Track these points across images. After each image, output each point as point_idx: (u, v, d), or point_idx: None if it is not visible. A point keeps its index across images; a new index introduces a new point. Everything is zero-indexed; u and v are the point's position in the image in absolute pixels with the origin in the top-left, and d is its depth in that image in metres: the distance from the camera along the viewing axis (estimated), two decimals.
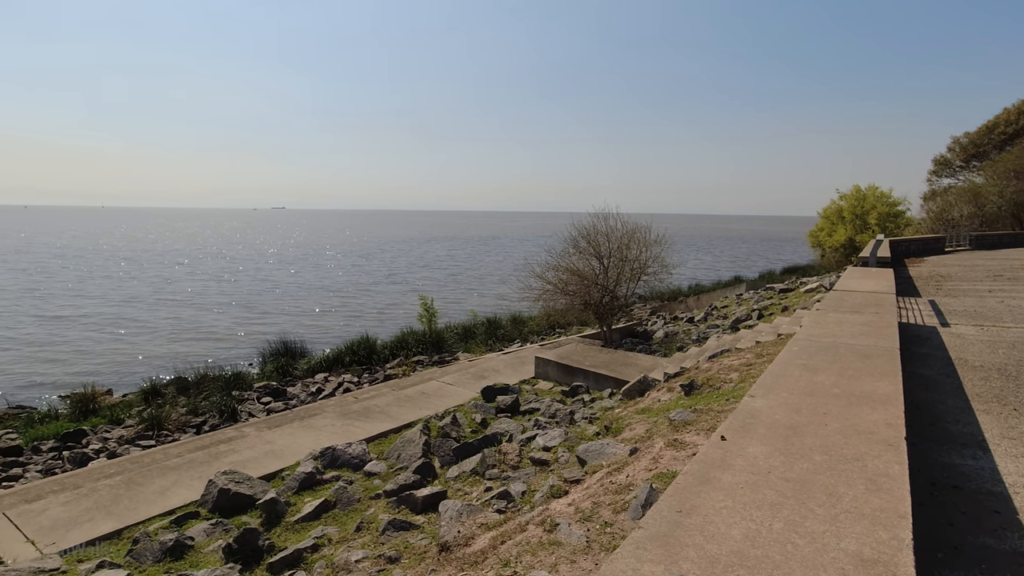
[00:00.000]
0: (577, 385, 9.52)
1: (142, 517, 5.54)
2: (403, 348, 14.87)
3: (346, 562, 4.35)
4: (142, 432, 9.50)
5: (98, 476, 6.58)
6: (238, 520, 5.35)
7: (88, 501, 5.85)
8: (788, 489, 2.06)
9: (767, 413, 2.93)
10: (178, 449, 7.51)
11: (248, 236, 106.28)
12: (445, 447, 6.64)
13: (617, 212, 14.14)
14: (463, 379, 10.43)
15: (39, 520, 5.48)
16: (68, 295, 31.63)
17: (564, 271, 13.73)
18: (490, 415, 8.22)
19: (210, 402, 10.50)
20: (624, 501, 3.74)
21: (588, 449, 5.26)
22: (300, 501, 5.71)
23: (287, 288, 36.09)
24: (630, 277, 13.75)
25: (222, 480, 5.69)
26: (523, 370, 11.00)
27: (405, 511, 5.21)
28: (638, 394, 8.06)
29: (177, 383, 11.98)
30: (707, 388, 6.58)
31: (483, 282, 39.70)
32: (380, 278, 41.02)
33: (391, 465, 6.54)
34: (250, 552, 4.57)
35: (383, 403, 9.06)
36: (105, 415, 10.43)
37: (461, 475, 5.96)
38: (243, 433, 7.95)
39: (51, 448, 9.06)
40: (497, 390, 9.12)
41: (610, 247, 13.65)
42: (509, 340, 16.06)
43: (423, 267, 50.12)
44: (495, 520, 4.29)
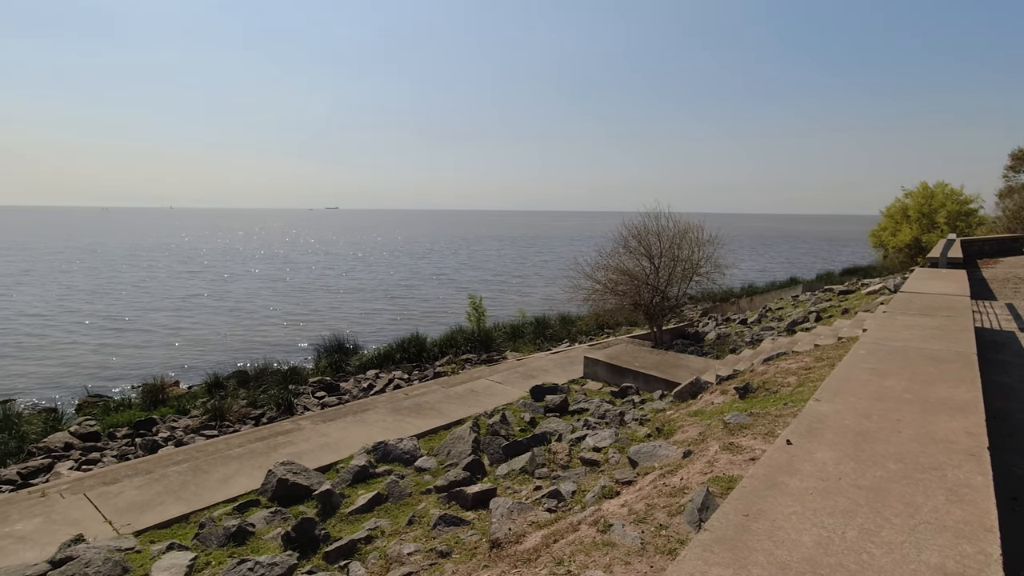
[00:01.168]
0: (627, 386, 9.40)
1: (207, 503, 5.79)
2: (452, 346, 15.03)
3: (399, 554, 4.42)
4: (206, 422, 9.94)
5: (167, 463, 6.92)
6: (295, 509, 5.52)
7: (159, 486, 6.16)
8: (861, 497, 1.97)
9: (834, 418, 2.81)
10: (239, 439, 7.82)
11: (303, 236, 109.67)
12: (494, 445, 6.67)
13: (668, 211, 13.90)
14: (511, 378, 10.45)
15: (116, 502, 5.80)
16: (137, 292, 33.41)
17: (614, 271, 13.58)
18: (539, 414, 8.22)
19: (268, 395, 10.89)
20: (679, 504, 3.66)
21: (640, 451, 5.18)
22: (354, 493, 5.84)
23: (340, 286, 37.05)
24: (681, 277, 13.48)
25: (280, 470, 5.88)
26: (572, 370, 10.94)
27: (455, 507, 5.26)
28: (690, 396, 7.89)
29: (238, 376, 12.48)
30: (763, 392, 6.38)
31: (531, 281, 39.72)
32: (429, 277, 41.61)
33: (441, 461, 6.62)
34: (307, 541, 4.70)
35: (433, 400, 9.18)
36: (172, 405, 10.96)
37: (510, 473, 5.97)
38: (299, 426, 8.20)
39: (125, 435, 9.61)
40: (546, 389, 9.10)
41: (661, 247, 13.42)
42: (557, 340, 16.01)
43: (471, 267, 50.55)
44: (546, 519, 4.28)
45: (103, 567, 4.32)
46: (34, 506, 5.84)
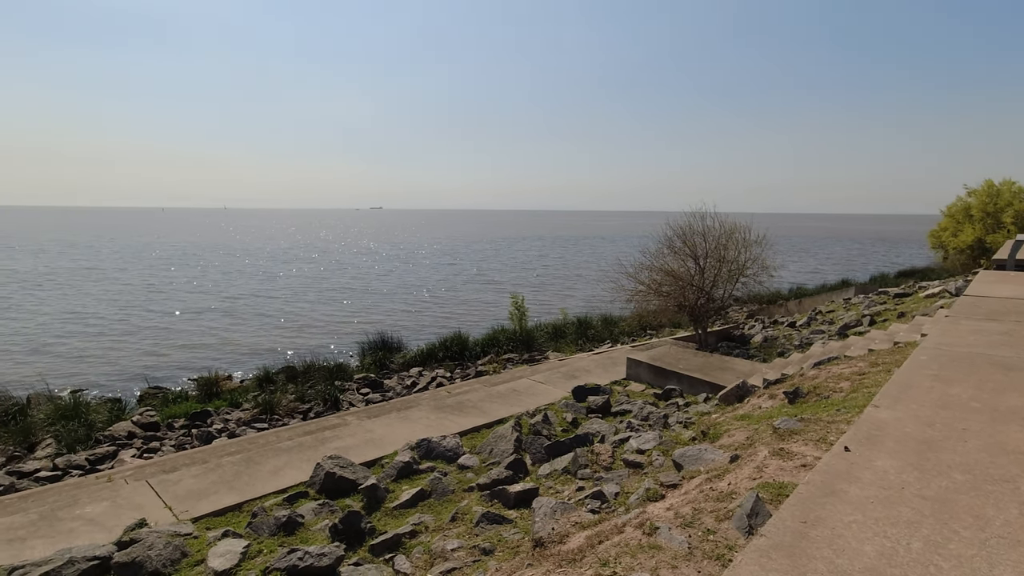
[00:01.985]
0: (670, 388, 9.26)
1: (259, 493, 5.99)
2: (494, 346, 15.11)
3: (442, 550, 4.48)
4: (257, 415, 10.28)
5: (221, 453, 7.19)
6: (342, 502, 5.64)
7: (214, 475, 6.41)
8: (926, 507, 1.89)
9: (895, 425, 2.71)
10: (288, 433, 8.05)
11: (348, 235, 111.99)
12: (537, 444, 6.68)
13: (714, 211, 13.61)
14: (553, 378, 10.44)
15: (175, 489, 6.07)
16: (189, 290, 34.77)
17: (658, 272, 13.39)
18: (581, 415, 8.18)
19: (315, 391, 11.17)
20: (727, 509, 3.59)
21: (685, 454, 5.10)
22: (398, 489, 5.94)
23: (383, 285, 37.71)
24: (727, 279, 13.19)
25: (328, 464, 6.02)
26: (614, 371, 10.85)
27: (498, 505, 5.29)
28: (736, 400, 7.73)
29: (287, 371, 12.85)
30: (814, 397, 6.20)
31: (573, 282, 39.55)
32: (471, 277, 41.91)
33: (483, 459, 6.66)
34: (353, 533, 4.80)
35: (475, 399, 9.25)
36: (226, 398, 11.37)
37: (553, 473, 5.97)
38: (345, 421, 8.39)
39: (182, 425, 10.02)
40: (588, 390, 9.06)
41: (706, 247, 13.16)
42: (599, 340, 15.89)
43: (512, 267, 50.66)
44: (589, 520, 4.26)
45: (164, 551, 4.53)
46: (101, 490, 6.16)
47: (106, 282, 37.08)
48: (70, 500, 5.93)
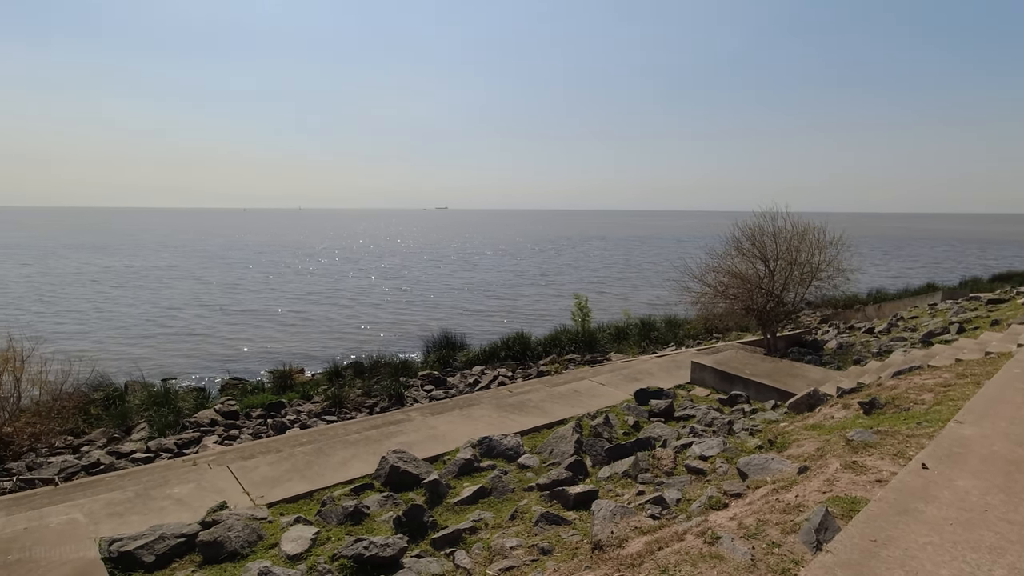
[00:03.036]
0: (736, 394, 9.00)
1: (328, 483, 6.26)
2: (556, 346, 15.11)
3: (502, 547, 4.54)
4: (326, 408, 10.73)
5: (294, 443, 7.57)
6: (405, 496, 5.82)
7: (287, 464, 6.75)
8: (1012, 533, 1.78)
9: (981, 443, 2.55)
10: (356, 426, 8.37)
11: (414, 235, 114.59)
12: (597, 447, 6.66)
13: (786, 211, 13.07)
14: (615, 380, 10.35)
15: (252, 476, 6.45)
16: (264, 288, 36.59)
17: (724, 273, 12.99)
18: (643, 418, 8.08)
19: (381, 386, 11.54)
20: (793, 522, 3.48)
21: (750, 462, 4.96)
22: (459, 485, 6.06)
23: (447, 284, 38.40)
24: (799, 281, 12.64)
25: (393, 458, 6.22)
26: (678, 374, 10.64)
27: (557, 506, 5.31)
28: (807, 408, 7.43)
29: (354, 367, 13.33)
30: (892, 408, 5.88)
31: (636, 283, 38.95)
32: (534, 277, 42.01)
33: (543, 459, 6.70)
34: (416, 526, 4.94)
35: (536, 399, 9.30)
36: (298, 391, 11.93)
37: (613, 476, 5.93)
38: (409, 417, 8.63)
39: (258, 415, 10.61)
40: (651, 393, 8.93)
41: (777, 249, 12.66)
42: (663, 343, 15.60)
43: (575, 267, 50.40)
44: (649, 525, 4.22)
45: (242, 532, 4.82)
46: (187, 473, 6.63)
47: (190, 280, 39.60)
48: (161, 481, 6.41)
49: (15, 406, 8.89)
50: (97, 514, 5.58)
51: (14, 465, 8.08)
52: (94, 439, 9.26)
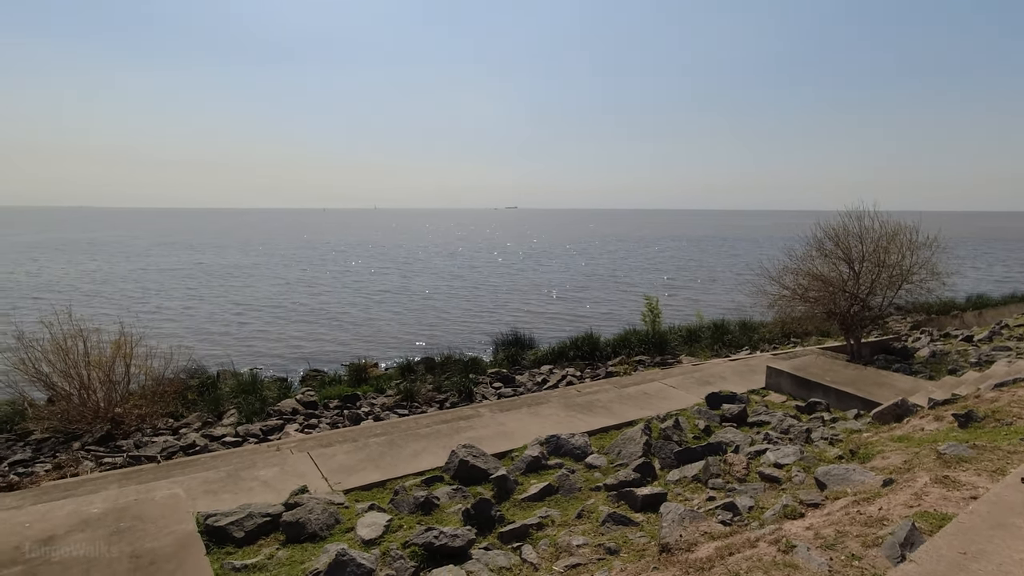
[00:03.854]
0: (815, 402, 8.61)
1: (400, 473, 6.50)
2: (625, 347, 14.95)
3: (568, 545, 4.58)
4: (399, 402, 11.11)
5: (368, 434, 7.90)
6: (474, 489, 5.95)
7: (362, 454, 7.06)
8: None
9: None
10: (427, 420, 8.63)
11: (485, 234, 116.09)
12: (666, 449, 6.57)
13: (874, 210, 12.32)
14: (686, 383, 10.14)
15: (330, 463, 6.79)
16: (343, 285, 38.16)
17: (805, 275, 12.41)
18: (714, 423, 7.89)
19: (451, 382, 11.82)
20: (876, 536, 3.33)
21: (829, 472, 4.77)
22: (527, 482, 6.13)
23: (517, 283, 38.70)
24: (888, 285, 11.89)
25: (462, 452, 6.38)
26: (752, 379, 10.29)
27: (624, 507, 5.29)
28: (893, 419, 7.03)
29: (426, 362, 13.72)
30: (991, 422, 5.49)
31: (710, 284, 37.82)
32: (603, 277, 41.62)
33: (611, 460, 6.68)
34: (483, 519, 5.05)
35: (605, 399, 9.26)
36: (372, 384, 12.41)
37: (682, 480, 5.84)
38: (478, 413, 8.80)
39: (335, 406, 11.13)
40: (723, 397, 8.70)
41: (863, 250, 11.96)
42: (737, 346, 15.10)
43: (646, 268, 49.51)
44: (720, 531, 4.14)
45: (321, 516, 5.10)
46: (272, 457, 7.07)
47: (271, 277, 41.87)
48: (249, 463, 6.87)
49: (125, 389, 9.79)
50: (194, 490, 6.06)
51: (124, 443, 8.89)
52: (190, 422, 10.01)
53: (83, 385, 9.47)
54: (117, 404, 9.56)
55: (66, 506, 5.76)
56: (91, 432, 9.04)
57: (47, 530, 4.14)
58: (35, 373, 9.43)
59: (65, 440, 9.04)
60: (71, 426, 9.16)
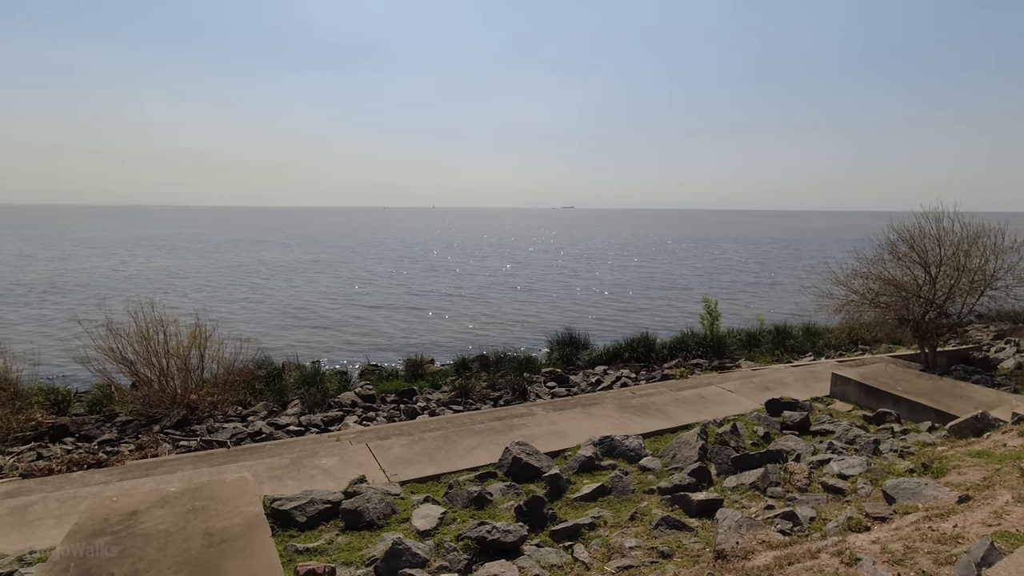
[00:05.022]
0: (884, 412, 8.20)
1: (454, 468, 6.63)
2: (682, 349, 14.67)
3: (620, 546, 4.56)
4: (454, 398, 11.30)
5: (424, 429, 8.08)
6: (526, 487, 6.00)
7: (418, 447, 7.24)
8: None
9: None
10: (481, 417, 8.75)
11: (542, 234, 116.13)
12: (723, 455, 6.42)
13: (955, 211, 11.57)
14: (745, 388, 9.86)
15: (387, 455, 7.00)
16: (397, 283, 39.08)
17: (875, 279, 11.80)
18: (774, 430, 7.65)
19: (506, 380, 11.92)
20: (949, 553, 3.17)
21: (898, 486, 4.56)
22: (579, 481, 6.14)
23: (573, 283, 38.57)
24: (968, 291, 11.16)
25: (516, 449, 6.44)
26: (815, 386, 9.91)
27: (679, 511, 5.23)
28: (972, 433, 6.63)
29: (480, 360, 13.88)
30: None
31: (770, 287, 36.55)
32: (659, 279, 40.90)
33: (666, 463, 6.59)
34: (535, 517, 5.09)
35: (660, 401, 9.13)
36: (428, 380, 12.67)
37: (739, 487, 5.71)
38: (532, 411, 8.85)
39: (392, 400, 11.44)
40: (784, 404, 8.42)
41: (941, 253, 11.26)
42: (800, 352, 14.54)
43: (704, 269, 48.32)
44: (778, 540, 4.04)
45: (378, 505, 5.28)
46: (332, 447, 7.35)
47: (332, 273, 43.31)
48: (310, 452, 7.17)
49: (199, 377, 10.40)
50: (261, 475, 6.39)
51: (198, 428, 9.44)
52: (257, 411, 10.52)
53: (163, 372, 10.13)
54: (192, 391, 10.17)
55: (147, 484, 6.20)
56: (169, 416, 9.65)
57: (131, 505, 4.46)
58: (122, 360, 10.17)
59: (146, 423, 9.69)
60: (152, 410, 9.81)
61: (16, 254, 53.66)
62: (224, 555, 3.80)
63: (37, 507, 5.80)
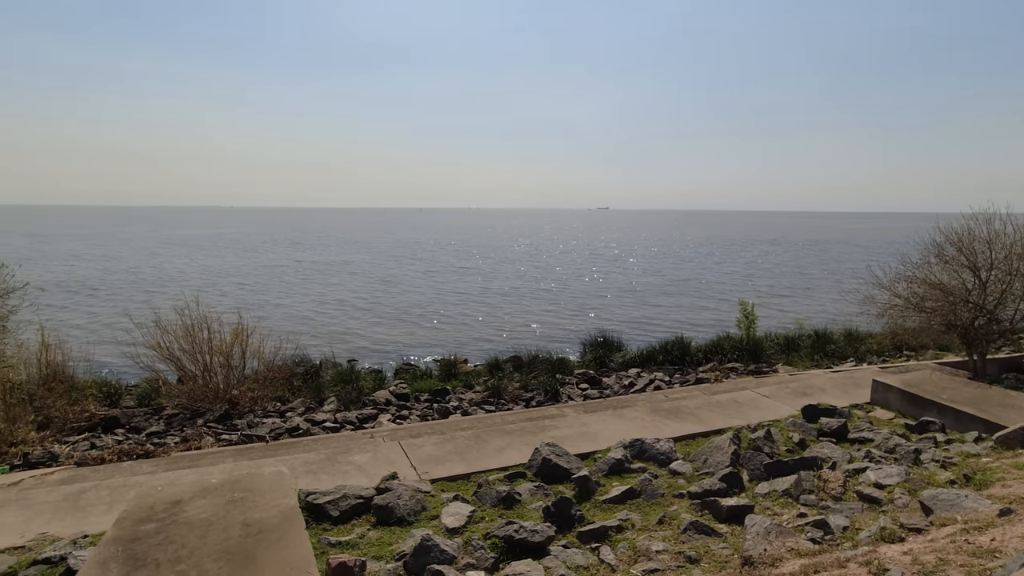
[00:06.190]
0: (928, 421, 7.94)
1: (484, 467, 6.70)
2: (717, 353, 14.46)
3: (647, 549, 4.57)
4: (486, 398, 11.41)
5: (456, 428, 8.20)
6: (555, 488, 6.04)
7: (449, 446, 7.36)
8: None
9: None
10: (512, 417, 8.81)
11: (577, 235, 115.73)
12: (755, 461, 6.34)
13: (1007, 212, 11.08)
14: (781, 393, 9.68)
15: (418, 453, 7.14)
16: (432, 283, 39.50)
17: (920, 283, 11.39)
18: (810, 436, 7.50)
19: (538, 381, 11.97)
20: (983, 567, 3.10)
21: (937, 497, 4.45)
22: (608, 483, 6.14)
23: (608, 285, 38.35)
24: (1021, 296, 10.69)
25: (545, 450, 6.48)
26: (854, 393, 9.65)
27: (708, 516, 5.19)
28: (1020, 445, 6.38)
29: (513, 361, 13.96)
30: None
31: (810, 291, 35.60)
32: (694, 283, 40.26)
33: (696, 468, 6.54)
34: (563, 518, 5.13)
35: (692, 405, 9.04)
36: (461, 380, 12.82)
37: (771, 493, 5.63)
38: (563, 413, 8.88)
39: (426, 399, 11.62)
40: (821, 410, 8.23)
41: (992, 257, 10.80)
42: (840, 357, 14.15)
43: (740, 273, 47.34)
44: (808, 548, 3.99)
45: (409, 502, 5.40)
46: (366, 444, 7.53)
47: (365, 275, 44.07)
48: (344, 448, 7.36)
49: (241, 374, 10.78)
50: (297, 469, 6.60)
51: (238, 422, 9.79)
52: (295, 407, 10.83)
53: (206, 368, 10.53)
54: (234, 387, 10.55)
55: (191, 475, 6.47)
56: (212, 411, 10.04)
57: (175, 494, 4.69)
58: (169, 355, 10.62)
59: (191, 416, 10.09)
60: (196, 404, 10.22)
61: (70, 254, 56.34)
62: (261, 545, 3.97)
63: (90, 494, 6.12)
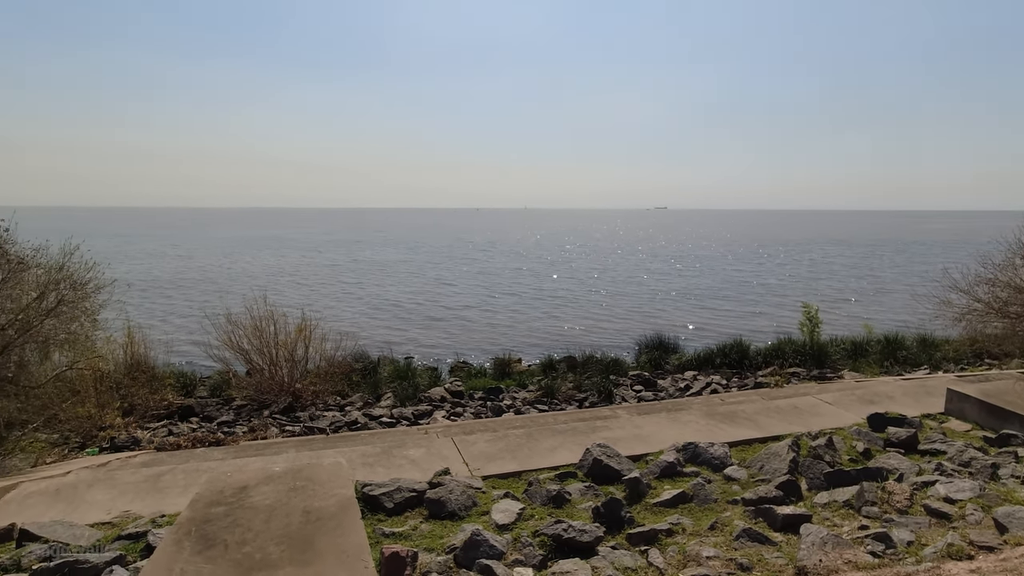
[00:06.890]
0: (1010, 434, 7.42)
1: (535, 466, 6.76)
2: (778, 357, 13.96)
3: (697, 555, 4.51)
4: (539, 397, 11.47)
5: (508, 426, 8.30)
6: (605, 489, 6.03)
7: (501, 444, 7.46)
8: None
9: None
10: (564, 417, 8.83)
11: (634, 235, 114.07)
12: (815, 469, 6.12)
13: None
14: (845, 400, 9.28)
15: (471, 450, 7.27)
16: (488, 283, 39.85)
17: (1004, 287, 10.67)
18: (876, 446, 7.16)
19: (591, 382, 11.92)
20: None
21: (1013, 514, 4.19)
22: (660, 486, 6.08)
23: (665, 287, 37.67)
24: None
25: (597, 451, 6.48)
26: (926, 402, 9.13)
27: (762, 524, 5.07)
28: None
29: (567, 361, 13.96)
30: None
31: (878, 295, 33.78)
32: (753, 286, 38.93)
33: (752, 474, 6.38)
34: (613, 519, 5.12)
35: (750, 410, 8.80)
36: (514, 379, 12.93)
37: (831, 503, 5.44)
38: (616, 414, 8.82)
39: (479, 397, 11.79)
40: (889, 419, 7.85)
41: None
42: (913, 364, 13.39)
43: (802, 276, 45.40)
44: (866, 561, 3.85)
45: (460, 497, 5.52)
46: (420, 440, 7.74)
47: (424, 274, 44.92)
48: (400, 443, 7.59)
49: (304, 368, 11.28)
50: (354, 462, 6.86)
51: (301, 414, 10.25)
52: (353, 401, 11.22)
53: (272, 362, 11.07)
54: (297, 380, 11.05)
55: (256, 463, 6.85)
56: (277, 403, 10.54)
57: (242, 481, 4.98)
58: (239, 349, 11.24)
59: (258, 408, 10.64)
60: (262, 396, 10.76)
61: (148, 253, 60.13)
62: (319, 532, 4.17)
63: (167, 477, 6.59)
